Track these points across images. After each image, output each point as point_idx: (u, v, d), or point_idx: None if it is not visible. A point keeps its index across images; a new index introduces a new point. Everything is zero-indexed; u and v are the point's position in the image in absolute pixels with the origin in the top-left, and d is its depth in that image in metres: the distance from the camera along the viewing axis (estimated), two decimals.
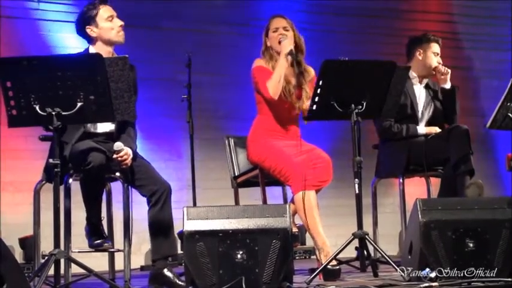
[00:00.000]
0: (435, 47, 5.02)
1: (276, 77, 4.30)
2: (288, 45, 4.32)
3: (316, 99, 4.01)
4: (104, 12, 4.12)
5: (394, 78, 4.10)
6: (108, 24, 4.11)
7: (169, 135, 6.02)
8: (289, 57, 4.31)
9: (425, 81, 5.06)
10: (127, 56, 3.67)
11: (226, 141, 4.87)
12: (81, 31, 4.15)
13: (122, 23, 4.14)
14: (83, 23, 4.13)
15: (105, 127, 4.10)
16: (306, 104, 4.32)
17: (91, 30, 4.12)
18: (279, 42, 4.38)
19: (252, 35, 5.47)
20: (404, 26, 6.84)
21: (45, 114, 3.52)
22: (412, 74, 4.97)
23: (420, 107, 4.98)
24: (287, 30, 4.42)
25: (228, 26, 6.38)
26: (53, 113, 3.52)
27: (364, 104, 4.03)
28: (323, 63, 3.98)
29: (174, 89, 5.33)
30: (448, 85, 4.97)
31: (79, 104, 3.53)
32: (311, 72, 4.50)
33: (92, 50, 4.13)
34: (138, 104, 3.93)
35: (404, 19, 7.01)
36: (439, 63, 5.00)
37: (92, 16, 4.11)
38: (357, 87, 4.04)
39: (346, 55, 4.07)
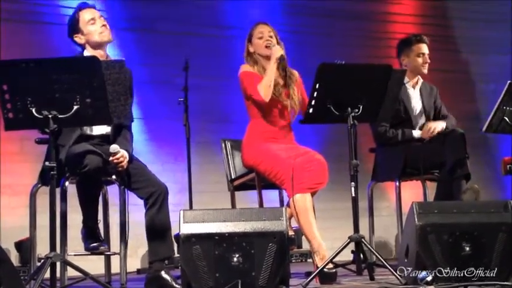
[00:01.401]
0: (419, 48, 4.99)
1: (267, 81, 4.35)
2: (279, 50, 4.40)
3: (313, 102, 4.02)
4: (85, 16, 4.13)
5: (390, 82, 4.11)
6: (91, 28, 4.12)
7: (167, 138, 6.02)
8: (278, 61, 4.39)
9: (419, 84, 5.06)
10: (123, 59, 3.68)
11: (223, 145, 4.87)
12: (72, 41, 4.19)
13: (104, 22, 4.14)
14: (71, 32, 4.17)
15: (101, 129, 4.10)
16: (296, 104, 4.40)
17: (79, 38, 4.15)
18: (266, 47, 4.44)
19: None
20: (399, 29, 6.85)
21: (41, 117, 3.52)
22: (406, 78, 4.97)
23: (415, 111, 4.98)
24: (271, 37, 4.48)
25: (225, 29, 6.39)
26: (50, 116, 3.51)
27: (361, 107, 4.04)
28: (319, 66, 3.99)
29: (172, 92, 5.33)
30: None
31: (75, 107, 3.53)
32: (295, 73, 4.58)
33: (86, 53, 4.15)
34: (135, 106, 3.93)
35: (399, 22, 7.02)
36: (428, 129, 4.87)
37: (76, 24, 4.14)
38: (354, 91, 4.04)
39: (340, 58, 4.09)
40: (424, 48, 5.01)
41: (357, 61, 5.01)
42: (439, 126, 4.85)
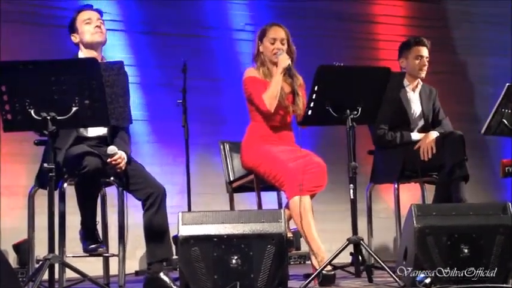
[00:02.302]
0: (417, 50, 4.95)
1: (273, 92, 4.33)
2: (286, 59, 4.37)
3: (312, 104, 4.02)
4: (82, 16, 4.15)
5: (389, 84, 4.11)
6: (85, 27, 4.14)
7: (165, 139, 6.02)
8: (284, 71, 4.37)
9: (419, 87, 5.05)
10: (122, 61, 3.68)
11: (221, 146, 4.87)
12: (71, 40, 4.20)
13: (98, 23, 4.14)
14: (69, 32, 4.20)
15: (97, 131, 4.10)
16: (301, 109, 4.36)
17: (74, 37, 4.18)
18: (274, 54, 4.43)
19: (249, 40, 5.48)
20: (396, 31, 6.85)
21: (40, 118, 3.51)
22: (405, 81, 4.97)
23: (414, 115, 4.98)
24: (283, 44, 4.45)
25: (224, 31, 6.39)
26: (48, 118, 3.51)
27: (360, 109, 4.04)
28: (318, 68, 3.99)
29: (171, 93, 5.34)
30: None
31: (74, 109, 3.53)
32: (300, 78, 4.54)
33: (80, 55, 4.17)
34: (133, 108, 3.93)
35: (396, 24, 7.02)
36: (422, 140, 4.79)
37: (73, 23, 4.17)
38: (352, 93, 4.04)
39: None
40: (423, 51, 4.97)
41: (347, 63, 5.01)
42: (432, 141, 4.77)
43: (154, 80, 6.06)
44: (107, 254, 4.22)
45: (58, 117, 3.52)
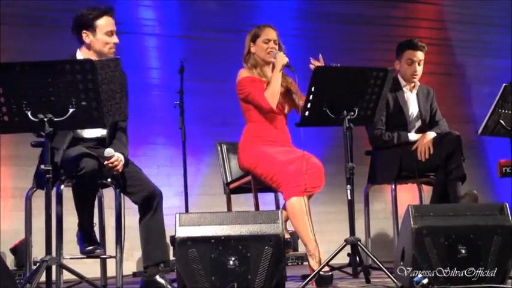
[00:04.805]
0: (409, 54, 4.92)
1: (275, 88, 4.37)
2: (284, 57, 4.41)
3: (309, 105, 4.02)
4: (106, 24, 4.03)
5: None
6: (106, 38, 4.04)
7: (163, 141, 6.01)
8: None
9: (416, 87, 5.05)
10: (119, 57, 3.65)
11: (219, 148, 4.87)
12: (76, 31, 4.07)
13: (117, 41, 4.07)
14: (81, 25, 4.04)
15: (95, 132, 4.08)
16: (300, 100, 4.40)
17: (86, 36, 4.04)
18: (269, 53, 4.47)
19: None
20: (396, 33, 6.85)
21: (36, 120, 3.51)
22: (403, 82, 4.97)
23: (412, 116, 4.98)
24: (276, 44, 4.50)
25: (222, 32, 6.39)
26: (45, 119, 3.50)
27: (356, 110, 4.04)
28: (315, 69, 4.01)
29: (168, 95, 5.34)
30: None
31: (71, 110, 3.52)
32: (288, 77, 4.57)
33: (79, 55, 4.08)
34: (131, 110, 3.91)
35: (396, 26, 7.02)
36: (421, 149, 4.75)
37: (93, 22, 4.03)
38: (349, 94, 4.05)
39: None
40: (415, 55, 4.92)
41: (364, 65, 4.99)
42: (429, 141, 4.76)
43: (152, 81, 6.07)
44: (104, 256, 4.21)
45: (55, 119, 3.51)
